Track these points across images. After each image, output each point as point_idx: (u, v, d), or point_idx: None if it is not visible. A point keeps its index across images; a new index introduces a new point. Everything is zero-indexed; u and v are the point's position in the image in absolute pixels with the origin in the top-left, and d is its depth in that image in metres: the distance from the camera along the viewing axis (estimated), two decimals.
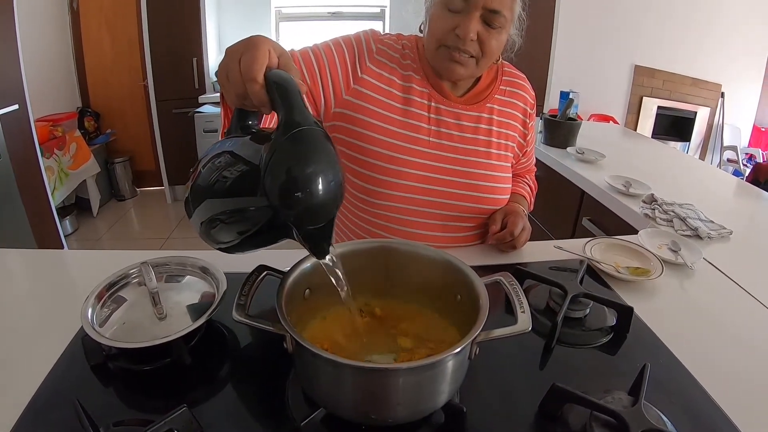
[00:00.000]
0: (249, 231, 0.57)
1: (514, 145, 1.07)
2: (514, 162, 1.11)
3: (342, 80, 0.93)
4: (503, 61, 1.07)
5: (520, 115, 1.07)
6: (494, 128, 1.02)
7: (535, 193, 1.23)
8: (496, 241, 1.00)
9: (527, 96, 1.08)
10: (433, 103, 0.98)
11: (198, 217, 0.59)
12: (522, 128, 1.08)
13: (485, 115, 1.02)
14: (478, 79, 1.03)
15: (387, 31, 3.90)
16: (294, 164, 0.49)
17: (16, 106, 2.33)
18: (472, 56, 0.89)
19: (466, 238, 1.06)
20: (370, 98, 0.95)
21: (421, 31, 0.98)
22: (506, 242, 0.99)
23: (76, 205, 3.37)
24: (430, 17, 0.91)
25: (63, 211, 3.12)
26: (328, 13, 3.90)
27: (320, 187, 0.50)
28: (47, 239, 2.53)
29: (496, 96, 1.04)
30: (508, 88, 1.06)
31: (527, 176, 1.21)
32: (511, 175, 1.09)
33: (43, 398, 0.61)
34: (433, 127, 0.98)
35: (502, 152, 1.04)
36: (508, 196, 1.07)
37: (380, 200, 0.97)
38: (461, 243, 1.06)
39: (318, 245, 0.56)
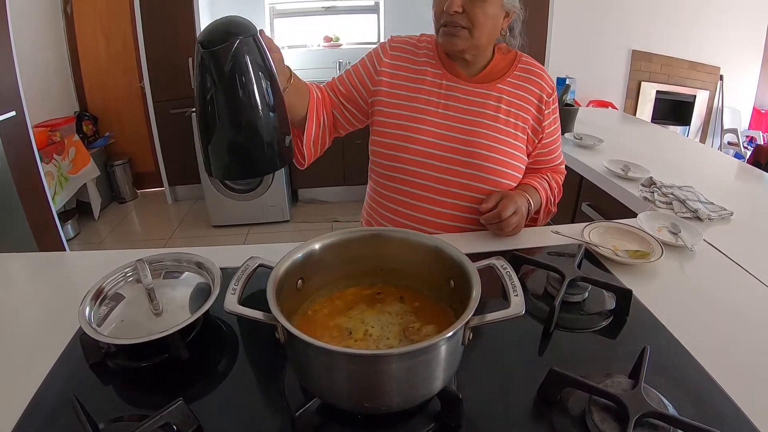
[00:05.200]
0: None
1: (527, 127, 1.10)
2: (530, 149, 1.13)
3: (367, 80, 1.12)
4: (522, 53, 1.15)
5: (535, 101, 1.10)
6: (503, 106, 1.08)
7: (558, 196, 1.21)
8: (484, 221, 1.02)
9: (544, 85, 1.11)
10: (444, 82, 1.09)
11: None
12: (537, 113, 1.10)
13: (494, 93, 1.08)
14: (491, 61, 1.10)
15: (382, 24, 3.83)
16: None
17: (13, 113, 2.33)
18: (464, 27, 0.98)
19: (470, 219, 1.08)
20: (387, 84, 1.11)
21: None
22: (493, 224, 1.01)
23: (78, 209, 3.37)
24: (432, 7, 1.03)
25: (64, 215, 3.12)
26: (323, 8, 3.87)
27: None
28: (49, 244, 2.54)
29: (508, 79, 1.10)
30: (523, 74, 1.11)
31: (549, 174, 1.20)
32: (522, 157, 1.11)
33: (43, 397, 0.61)
34: (442, 101, 1.08)
35: (511, 129, 1.08)
36: (514, 178, 1.09)
37: (396, 163, 1.08)
38: (465, 217, 1.08)
39: None
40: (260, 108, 0.69)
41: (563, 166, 1.25)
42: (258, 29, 0.71)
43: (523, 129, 1.09)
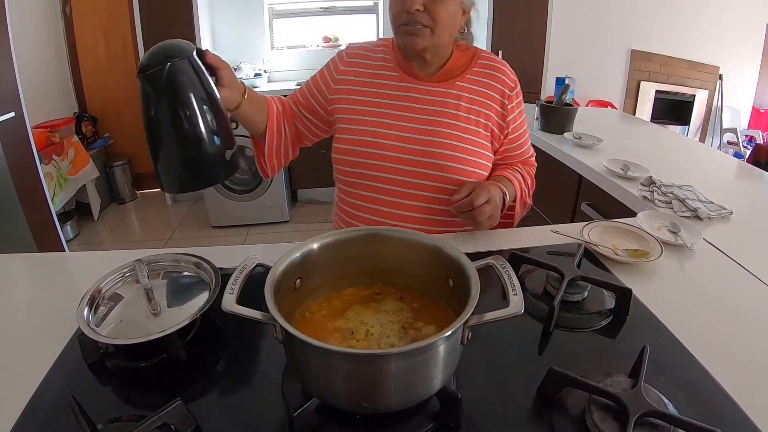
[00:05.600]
0: None
1: (490, 124, 1.08)
2: (496, 145, 1.11)
3: (325, 90, 1.12)
4: (481, 50, 1.13)
5: (498, 96, 1.08)
6: (463, 104, 1.06)
7: (531, 188, 1.20)
8: (455, 210, 1.00)
9: (506, 80, 1.09)
10: (402, 84, 1.08)
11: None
12: (500, 109, 1.08)
13: (454, 92, 1.07)
14: (449, 59, 1.08)
15: (381, 24, 3.84)
16: None
17: (12, 114, 2.33)
18: (425, 26, 0.97)
19: (439, 221, 1.07)
20: (345, 91, 1.11)
21: None
22: (464, 212, 0.98)
23: (77, 210, 3.37)
24: (389, 6, 1.01)
25: (64, 216, 3.12)
26: (321, 8, 3.88)
27: None
28: (49, 245, 2.54)
29: (468, 76, 1.08)
30: (483, 70, 1.09)
31: (521, 166, 1.19)
32: (486, 154, 1.09)
33: (41, 397, 0.61)
34: (401, 103, 1.07)
35: (472, 127, 1.06)
36: (479, 176, 1.07)
37: (358, 169, 1.07)
38: (433, 219, 1.08)
39: None
40: (196, 126, 0.74)
41: (534, 159, 1.24)
42: (195, 50, 0.75)
43: (486, 126, 1.08)
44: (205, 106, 0.74)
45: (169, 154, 0.75)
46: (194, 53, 0.74)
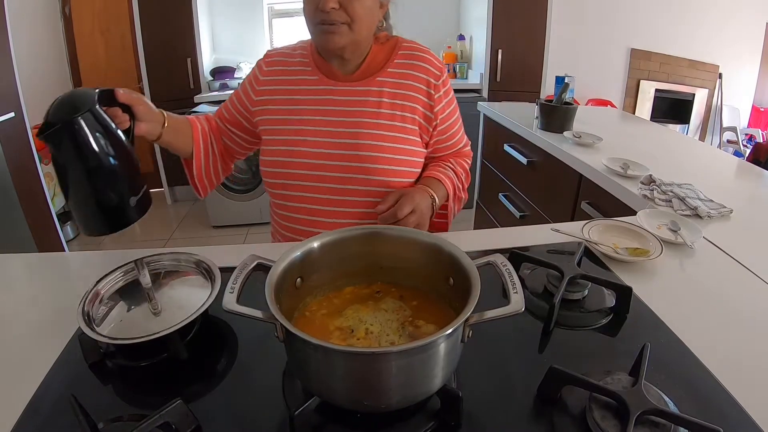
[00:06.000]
0: None
1: (416, 117, 1.05)
2: (426, 138, 1.09)
3: (246, 102, 1.11)
4: (403, 38, 1.10)
5: (423, 87, 1.05)
6: (385, 100, 1.03)
7: (467, 181, 1.18)
8: (381, 222, 0.95)
9: (431, 68, 1.05)
10: (321, 87, 1.05)
11: None
12: (426, 100, 1.05)
13: (374, 89, 1.04)
14: (368, 55, 1.05)
15: None
16: None
17: (12, 114, 2.33)
18: (342, 23, 0.94)
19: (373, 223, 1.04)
20: (266, 101, 1.08)
21: None
22: (390, 224, 0.93)
23: None
24: (303, 6, 0.97)
25: (64, 216, 3.11)
26: None
27: None
28: (49, 245, 2.54)
29: (389, 70, 1.05)
30: (404, 61, 1.06)
31: (453, 160, 1.16)
32: (415, 150, 1.06)
33: (42, 397, 0.61)
34: (321, 107, 1.04)
35: (397, 123, 1.04)
36: (409, 174, 1.05)
37: (285, 180, 1.05)
38: (372, 224, 1.04)
39: None
40: (95, 182, 0.75)
41: (468, 148, 1.21)
42: (97, 98, 0.75)
43: (412, 120, 1.05)
44: (108, 158, 0.74)
45: (75, 203, 0.76)
46: (96, 105, 0.74)
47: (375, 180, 1.02)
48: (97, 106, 0.75)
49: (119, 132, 0.78)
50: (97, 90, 0.76)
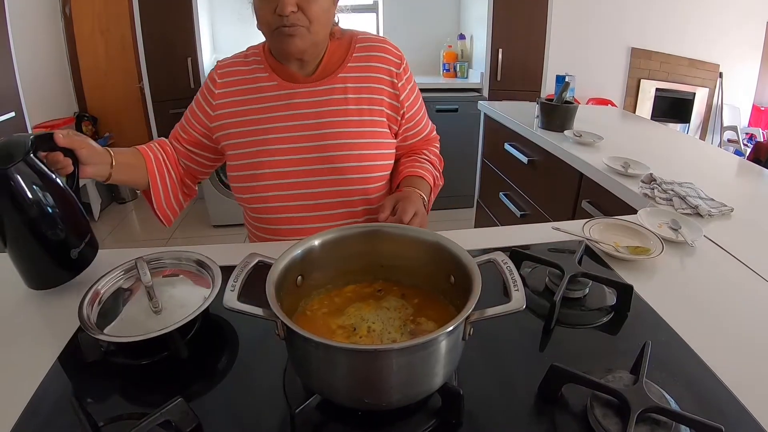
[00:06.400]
0: None
1: (383, 108, 1.04)
2: (395, 128, 1.08)
3: (203, 118, 1.06)
4: (357, 31, 1.09)
5: (386, 77, 1.04)
6: (350, 96, 1.02)
7: (441, 166, 1.17)
8: None
9: (390, 57, 1.05)
10: (282, 92, 1.02)
11: None
12: (391, 90, 1.04)
13: (338, 86, 1.02)
14: (325, 53, 1.03)
15: (380, 24, 3.82)
16: None
17: (12, 114, 2.34)
18: (302, 26, 0.92)
19: (350, 223, 1.04)
20: (225, 114, 1.04)
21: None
22: None
23: None
24: (255, 10, 0.95)
25: None
26: None
27: None
28: None
29: (349, 65, 1.04)
30: (363, 54, 1.05)
31: (426, 151, 1.15)
32: (386, 142, 1.05)
33: (42, 396, 0.61)
34: (285, 112, 1.01)
35: (365, 118, 1.03)
36: (382, 168, 1.05)
37: (256, 193, 1.03)
38: (352, 223, 1.04)
39: None
40: (33, 230, 0.73)
41: (434, 133, 1.20)
42: (32, 146, 0.72)
43: (380, 112, 1.04)
44: (45, 209, 0.72)
45: (12, 256, 0.74)
46: (30, 153, 0.71)
47: (350, 179, 1.01)
48: (31, 154, 0.71)
49: (58, 179, 0.75)
50: (32, 136, 0.73)
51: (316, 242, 0.67)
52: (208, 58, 3.62)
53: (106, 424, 0.56)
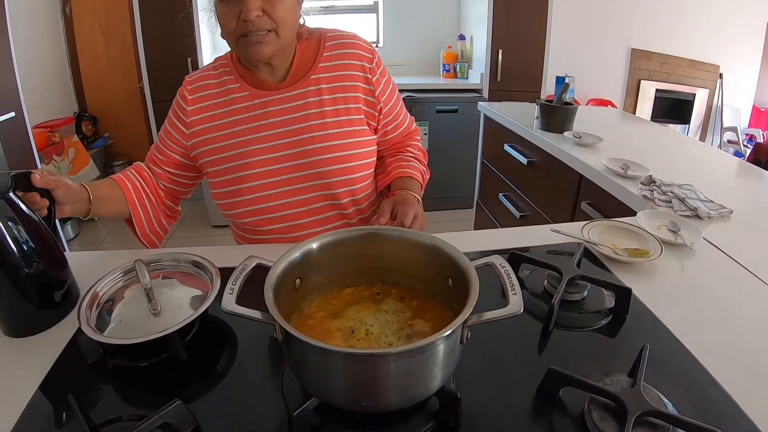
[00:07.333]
0: None
1: (360, 106, 1.03)
2: (374, 124, 1.06)
3: (179, 138, 1.03)
4: (325, 29, 1.06)
5: (359, 74, 1.02)
6: (326, 97, 1.00)
7: (426, 159, 1.16)
8: None
9: (361, 53, 1.03)
10: (256, 101, 0.99)
11: None
12: (366, 86, 1.03)
13: (312, 88, 1.00)
14: (294, 56, 1.01)
15: (381, 24, 3.81)
16: None
17: (12, 114, 2.33)
18: (269, 31, 0.89)
19: (348, 225, 1.05)
20: (201, 131, 1.01)
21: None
22: None
23: None
24: (218, 18, 0.93)
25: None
26: (321, 7, 3.86)
27: None
28: None
29: (320, 65, 1.01)
30: (334, 52, 1.02)
31: (410, 148, 1.14)
32: (366, 141, 1.04)
33: (41, 398, 0.61)
34: (261, 122, 0.99)
35: (343, 118, 1.01)
36: (363, 167, 1.03)
37: (242, 208, 1.01)
38: (341, 225, 1.05)
39: None
40: (12, 273, 0.70)
41: (414, 125, 1.19)
42: (11, 185, 0.71)
43: (357, 110, 1.02)
44: (22, 249, 0.70)
45: None
46: (9, 192, 0.70)
47: (335, 182, 1.00)
48: (11, 193, 0.70)
49: (38, 220, 0.74)
50: (11, 173, 0.72)
51: (315, 245, 0.67)
52: (208, 59, 3.62)
53: (105, 426, 0.56)
